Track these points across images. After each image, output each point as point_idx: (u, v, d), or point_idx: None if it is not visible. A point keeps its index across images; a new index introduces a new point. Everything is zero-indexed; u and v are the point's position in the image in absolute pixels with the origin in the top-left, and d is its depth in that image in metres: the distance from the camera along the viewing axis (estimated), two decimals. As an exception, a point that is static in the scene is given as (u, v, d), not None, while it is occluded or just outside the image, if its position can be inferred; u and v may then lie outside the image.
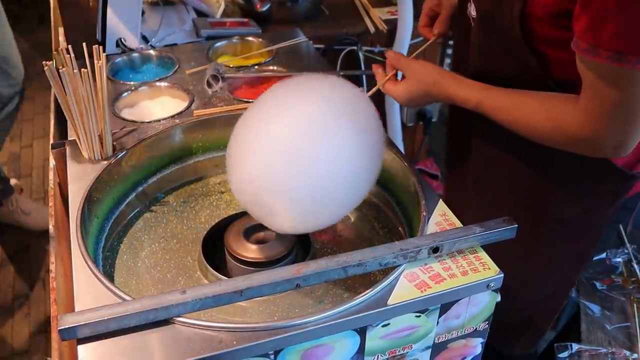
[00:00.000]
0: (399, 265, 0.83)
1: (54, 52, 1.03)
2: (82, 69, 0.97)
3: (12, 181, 2.51)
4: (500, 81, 0.95)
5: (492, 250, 0.87)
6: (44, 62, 0.97)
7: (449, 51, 1.81)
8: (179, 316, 0.74)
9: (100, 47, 1.02)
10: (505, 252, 0.88)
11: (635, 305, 1.44)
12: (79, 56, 1.00)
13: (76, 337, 0.71)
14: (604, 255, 1.58)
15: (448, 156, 1.28)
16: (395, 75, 1.07)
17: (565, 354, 1.32)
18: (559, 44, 0.85)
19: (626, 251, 1.58)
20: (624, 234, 1.62)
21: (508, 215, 0.89)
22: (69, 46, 1.00)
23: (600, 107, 0.80)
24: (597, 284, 1.51)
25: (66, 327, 0.70)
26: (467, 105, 0.96)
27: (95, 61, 1.00)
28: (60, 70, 0.96)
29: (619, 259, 1.57)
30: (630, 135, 0.82)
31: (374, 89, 1.05)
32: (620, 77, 0.76)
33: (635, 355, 1.31)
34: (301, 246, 1.01)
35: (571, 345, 1.33)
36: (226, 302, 0.76)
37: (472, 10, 0.99)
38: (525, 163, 1.04)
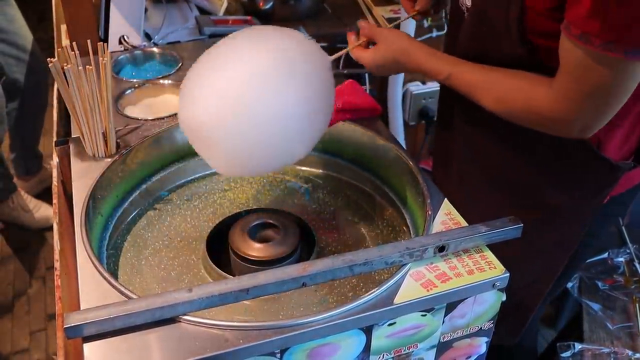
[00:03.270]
0: (404, 264, 0.83)
1: (58, 49, 1.02)
2: (87, 66, 0.97)
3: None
4: None
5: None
6: (48, 59, 0.96)
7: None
8: (184, 314, 0.74)
9: (105, 44, 1.02)
10: None
11: (637, 304, 1.44)
12: (82, 53, 1.00)
13: (82, 335, 0.71)
14: (605, 255, 1.59)
15: (435, 147, 1.29)
16: (367, 44, 1.07)
17: (568, 354, 1.32)
18: (556, 36, 0.85)
19: (628, 251, 1.59)
20: (625, 232, 1.62)
21: (490, 204, 0.88)
22: (74, 43, 0.99)
23: (578, 91, 0.81)
24: (599, 284, 1.51)
25: (72, 325, 0.69)
26: (438, 78, 0.97)
27: (100, 58, 1.00)
28: (64, 67, 0.95)
29: (621, 259, 1.58)
30: (599, 120, 0.85)
31: (339, 53, 1.05)
32: (608, 64, 0.76)
33: (637, 355, 1.31)
34: (305, 245, 1.01)
35: (574, 345, 1.33)
36: (232, 300, 0.76)
37: (467, 0, 0.99)
38: (507, 152, 1.04)
